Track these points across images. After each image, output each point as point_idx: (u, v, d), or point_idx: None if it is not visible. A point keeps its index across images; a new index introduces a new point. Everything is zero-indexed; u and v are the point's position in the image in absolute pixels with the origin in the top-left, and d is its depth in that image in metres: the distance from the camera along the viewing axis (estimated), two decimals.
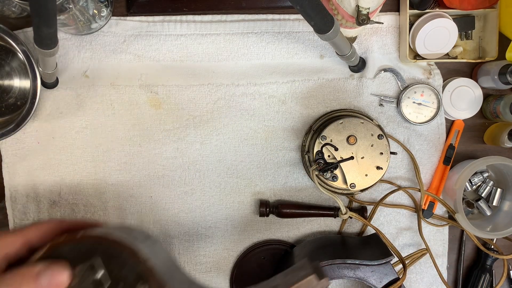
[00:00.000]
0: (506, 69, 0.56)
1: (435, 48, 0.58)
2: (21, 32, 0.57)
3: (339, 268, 0.52)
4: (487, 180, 0.62)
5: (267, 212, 0.60)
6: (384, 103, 0.61)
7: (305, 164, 0.59)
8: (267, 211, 0.60)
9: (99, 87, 0.58)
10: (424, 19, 0.58)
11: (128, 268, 0.36)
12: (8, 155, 0.59)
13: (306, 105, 0.60)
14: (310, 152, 0.58)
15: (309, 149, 0.58)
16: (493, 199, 0.62)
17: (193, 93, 0.59)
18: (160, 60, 0.59)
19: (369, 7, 0.47)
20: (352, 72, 0.61)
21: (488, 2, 0.58)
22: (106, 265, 0.36)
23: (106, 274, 0.36)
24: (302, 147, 0.60)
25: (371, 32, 0.60)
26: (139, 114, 0.59)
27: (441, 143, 0.62)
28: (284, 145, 0.61)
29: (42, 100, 0.58)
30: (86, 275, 0.36)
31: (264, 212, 0.60)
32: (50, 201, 0.59)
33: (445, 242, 0.63)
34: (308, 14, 0.42)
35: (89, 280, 0.35)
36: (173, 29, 0.59)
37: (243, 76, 0.60)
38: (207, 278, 0.62)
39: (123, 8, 0.59)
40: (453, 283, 0.64)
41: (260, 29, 0.60)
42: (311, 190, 0.62)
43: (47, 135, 0.59)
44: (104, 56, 0.59)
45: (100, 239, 0.37)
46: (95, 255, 0.36)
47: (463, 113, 0.61)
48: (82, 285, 0.35)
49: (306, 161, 0.59)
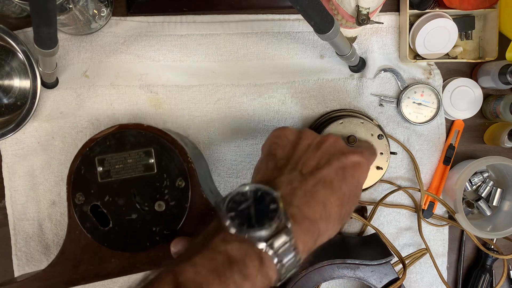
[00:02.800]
0: (506, 69, 0.56)
1: (435, 48, 0.58)
2: (21, 32, 0.57)
3: (339, 268, 0.52)
4: (487, 180, 0.62)
5: None
6: (384, 103, 0.61)
7: None
8: None
9: (99, 87, 0.58)
10: (424, 19, 0.58)
11: (175, 163, 0.44)
12: (8, 155, 0.58)
13: (306, 105, 0.60)
14: None
15: None
16: (493, 199, 0.62)
17: (193, 93, 0.59)
18: (160, 60, 0.59)
19: (369, 7, 0.47)
20: (352, 72, 0.61)
21: (488, 2, 0.58)
22: (158, 155, 0.44)
23: (155, 162, 0.44)
24: None
25: (371, 32, 0.60)
26: (139, 114, 0.59)
27: (441, 143, 0.62)
28: None
29: (42, 100, 0.58)
30: (140, 158, 0.44)
31: None
32: (50, 201, 0.59)
33: (445, 242, 0.63)
34: (308, 14, 0.42)
35: (142, 162, 0.44)
36: (173, 29, 0.59)
37: (243, 76, 0.60)
38: None
39: (123, 8, 0.59)
40: (453, 283, 0.64)
41: (260, 29, 0.60)
42: None
43: (47, 135, 0.59)
44: (104, 56, 0.59)
45: (161, 133, 0.44)
46: (153, 144, 0.44)
47: (463, 113, 0.61)
48: (135, 165, 0.44)
49: None
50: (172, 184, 0.44)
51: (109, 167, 0.44)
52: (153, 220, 0.44)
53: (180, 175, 0.44)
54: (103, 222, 0.44)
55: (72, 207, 0.44)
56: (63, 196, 0.59)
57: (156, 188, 0.44)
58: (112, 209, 0.44)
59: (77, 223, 0.44)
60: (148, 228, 0.44)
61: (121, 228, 0.44)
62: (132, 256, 0.44)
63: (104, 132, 0.44)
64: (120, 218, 0.44)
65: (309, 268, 0.53)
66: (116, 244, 0.44)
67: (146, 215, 0.44)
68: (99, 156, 0.44)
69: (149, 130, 0.44)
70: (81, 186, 0.44)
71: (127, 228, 0.44)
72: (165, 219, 0.44)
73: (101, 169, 0.43)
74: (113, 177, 0.44)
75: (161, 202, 0.43)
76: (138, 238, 0.44)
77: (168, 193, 0.44)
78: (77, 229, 0.44)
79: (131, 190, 0.44)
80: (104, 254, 0.44)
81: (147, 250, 0.44)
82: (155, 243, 0.44)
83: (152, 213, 0.44)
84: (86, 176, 0.44)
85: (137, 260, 0.44)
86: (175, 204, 0.44)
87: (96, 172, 0.44)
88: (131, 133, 0.44)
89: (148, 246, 0.44)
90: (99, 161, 0.44)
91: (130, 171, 0.44)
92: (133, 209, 0.44)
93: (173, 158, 0.44)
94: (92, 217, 0.44)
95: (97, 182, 0.43)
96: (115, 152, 0.44)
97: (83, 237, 0.44)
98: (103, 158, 0.43)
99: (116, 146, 0.44)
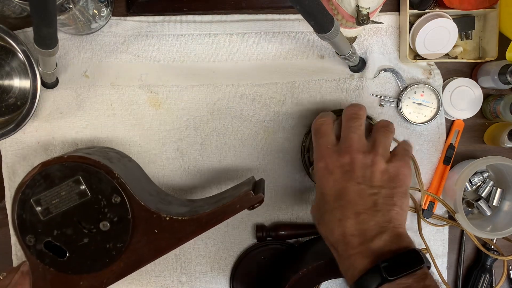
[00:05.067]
0: (506, 69, 0.56)
1: (435, 48, 0.58)
2: (21, 32, 0.57)
3: None
4: (487, 180, 0.62)
5: (264, 237, 0.60)
6: (384, 103, 0.61)
7: (305, 165, 0.59)
8: (264, 235, 0.60)
9: (99, 87, 0.58)
10: (424, 19, 0.58)
11: (105, 183, 0.46)
12: (8, 155, 0.58)
13: (306, 106, 0.60)
14: (310, 152, 0.58)
15: (309, 149, 0.58)
16: (493, 199, 0.62)
17: (193, 93, 0.59)
18: (160, 60, 0.59)
19: (369, 7, 0.47)
20: (352, 72, 0.61)
21: (488, 2, 0.58)
22: (87, 180, 0.46)
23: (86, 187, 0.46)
24: (302, 147, 0.60)
25: (371, 32, 0.60)
26: (139, 114, 0.59)
27: (441, 143, 0.62)
28: (284, 146, 0.61)
29: (42, 100, 0.58)
30: (72, 188, 0.46)
31: (261, 236, 0.60)
32: None
33: (445, 242, 0.63)
34: (308, 14, 0.42)
35: (74, 191, 0.46)
36: (173, 29, 0.59)
37: (243, 76, 0.60)
38: (207, 278, 0.62)
39: (123, 8, 0.59)
40: (453, 283, 0.64)
41: (260, 29, 0.60)
42: (312, 191, 0.62)
43: (47, 135, 0.59)
44: (104, 56, 0.59)
45: (82, 160, 0.46)
46: (78, 172, 0.46)
47: (463, 113, 0.61)
48: (69, 195, 0.46)
49: (306, 161, 0.59)
50: (109, 202, 0.46)
51: (47, 204, 0.46)
52: (104, 239, 0.47)
53: (114, 192, 0.46)
54: (60, 254, 0.47)
55: (27, 249, 0.46)
56: None
57: (96, 210, 0.46)
58: (64, 240, 0.46)
59: (37, 262, 0.46)
60: (102, 246, 0.47)
61: (78, 254, 0.47)
62: (98, 275, 0.47)
63: (31, 174, 0.46)
64: (74, 246, 0.47)
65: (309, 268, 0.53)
66: (79, 269, 0.47)
67: (96, 236, 0.47)
68: (33, 197, 0.46)
69: (71, 160, 0.46)
70: (28, 229, 0.46)
71: (84, 252, 0.47)
72: (114, 234, 0.47)
73: (40, 209, 0.46)
74: (54, 212, 0.46)
75: (105, 222, 0.46)
76: (97, 258, 0.47)
77: (108, 211, 0.46)
78: (39, 266, 0.46)
79: (74, 219, 0.46)
80: (71, 281, 0.47)
81: (109, 265, 0.47)
82: (113, 258, 0.47)
83: (101, 233, 0.47)
84: (29, 218, 0.46)
85: (103, 277, 0.47)
86: (118, 219, 0.47)
87: (37, 212, 0.46)
88: (55, 168, 0.46)
89: (108, 262, 0.47)
90: (35, 201, 0.46)
91: (67, 202, 0.46)
92: (82, 235, 0.46)
93: (101, 179, 0.46)
94: (49, 252, 0.46)
95: (41, 221, 0.46)
96: (47, 190, 0.46)
97: (47, 272, 0.47)
98: (38, 198, 0.46)
99: (46, 183, 0.46)
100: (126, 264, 0.47)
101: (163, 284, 0.61)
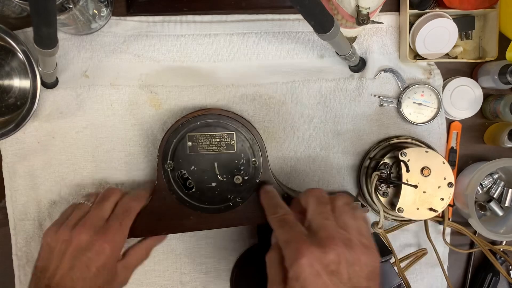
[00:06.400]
0: (506, 69, 0.56)
1: (435, 48, 0.58)
2: (21, 32, 0.57)
3: None
4: (498, 181, 0.62)
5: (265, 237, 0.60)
6: (385, 103, 0.61)
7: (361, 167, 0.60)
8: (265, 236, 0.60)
9: (99, 87, 0.58)
10: (424, 19, 0.58)
11: (251, 147, 0.53)
12: (8, 155, 0.58)
13: (306, 106, 0.60)
14: (374, 159, 0.58)
15: (375, 156, 0.59)
16: (505, 200, 0.62)
17: (193, 93, 0.59)
18: (160, 60, 0.59)
19: (369, 7, 0.47)
20: (352, 72, 0.61)
21: (488, 2, 0.58)
22: (239, 138, 0.53)
23: (235, 144, 0.53)
24: (367, 151, 0.60)
25: (371, 32, 0.60)
26: (139, 114, 0.59)
27: (442, 143, 0.62)
28: (284, 146, 0.61)
29: (42, 100, 0.58)
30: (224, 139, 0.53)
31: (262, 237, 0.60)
32: (50, 201, 0.59)
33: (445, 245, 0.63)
34: (308, 14, 0.42)
35: (224, 142, 0.53)
36: (173, 29, 0.59)
37: (243, 76, 0.60)
38: (207, 279, 0.62)
39: (123, 8, 0.59)
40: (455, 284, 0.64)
41: (260, 29, 0.60)
42: None
43: (47, 135, 0.59)
44: (104, 56, 0.59)
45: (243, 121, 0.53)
46: (235, 130, 0.53)
47: (463, 112, 0.61)
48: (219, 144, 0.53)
49: (365, 165, 0.59)
50: (247, 162, 0.53)
51: (197, 142, 0.53)
52: (229, 190, 0.53)
53: (254, 157, 0.53)
54: (187, 187, 0.53)
55: (162, 172, 0.52)
56: (63, 195, 0.59)
57: (234, 165, 0.53)
58: (196, 177, 0.53)
59: (165, 185, 0.52)
60: (224, 195, 0.53)
61: (201, 193, 0.53)
62: (208, 216, 0.53)
63: (197, 113, 0.53)
64: (201, 185, 0.53)
65: None
66: (195, 206, 0.53)
67: (223, 185, 0.53)
68: (190, 132, 0.52)
69: (234, 118, 0.53)
70: (172, 156, 0.52)
71: (207, 194, 0.53)
72: (239, 189, 0.53)
73: (190, 144, 0.52)
74: (200, 151, 0.53)
75: (239, 176, 0.52)
76: (215, 203, 0.53)
77: (243, 169, 0.53)
78: (164, 190, 0.52)
79: (214, 163, 0.53)
80: (184, 212, 0.53)
81: (221, 213, 0.53)
82: (228, 208, 0.53)
83: (229, 184, 0.53)
84: (177, 147, 0.52)
85: (211, 220, 0.53)
86: (249, 179, 0.53)
87: (186, 146, 0.52)
88: (217, 117, 0.53)
89: (222, 210, 0.53)
90: (190, 137, 0.52)
91: (214, 148, 0.53)
92: (213, 179, 0.53)
93: (249, 143, 0.53)
94: (179, 181, 0.53)
95: (186, 154, 0.53)
96: (203, 131, 0.53)
97: (168, 198, 0.52)
98: (193, 135, 0.52)
99: (205, 126, 0.53)
100: (232, 218, 0.53)
101: (164, 284, 0.61)
